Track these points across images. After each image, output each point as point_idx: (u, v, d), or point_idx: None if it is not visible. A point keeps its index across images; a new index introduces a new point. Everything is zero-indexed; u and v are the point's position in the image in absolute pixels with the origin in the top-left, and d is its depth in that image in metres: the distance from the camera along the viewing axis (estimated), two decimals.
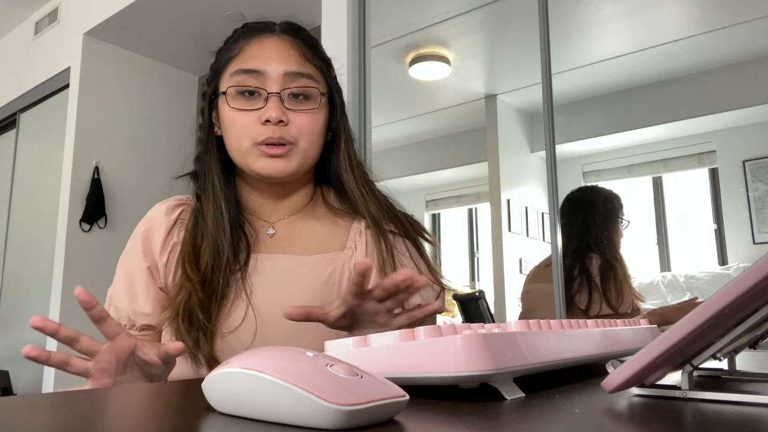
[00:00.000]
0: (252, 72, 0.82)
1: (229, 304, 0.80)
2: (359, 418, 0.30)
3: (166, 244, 0.85)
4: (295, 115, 0.82)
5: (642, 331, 0.63)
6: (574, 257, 1.91)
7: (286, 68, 0.83)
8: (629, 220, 1.99)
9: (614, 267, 1.87)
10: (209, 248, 0.82)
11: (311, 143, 0.84)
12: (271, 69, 0.82)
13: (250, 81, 0.82)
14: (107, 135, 3.34)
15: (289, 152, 0.82)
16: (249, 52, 0.85)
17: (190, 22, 3.20)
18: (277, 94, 0.81)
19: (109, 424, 0.34)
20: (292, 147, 0.82)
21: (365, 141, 2.27)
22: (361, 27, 2.34)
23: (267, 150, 0.81)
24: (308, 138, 0.84)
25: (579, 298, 1.86)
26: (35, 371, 3.21)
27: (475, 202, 4.61)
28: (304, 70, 0.84)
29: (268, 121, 0.80)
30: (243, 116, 0.82)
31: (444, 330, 0.40)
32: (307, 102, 0.84)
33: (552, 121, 1.92)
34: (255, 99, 0.82)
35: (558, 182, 1.91)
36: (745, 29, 2.59)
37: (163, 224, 0.86)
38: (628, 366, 0.35)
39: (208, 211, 0.85)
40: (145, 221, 0.88)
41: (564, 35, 2.67)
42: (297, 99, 0.83)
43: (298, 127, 0.82)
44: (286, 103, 0.82)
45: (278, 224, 0.89)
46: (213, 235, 0.83)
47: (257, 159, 0.82)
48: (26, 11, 3.88)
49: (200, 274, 0.80)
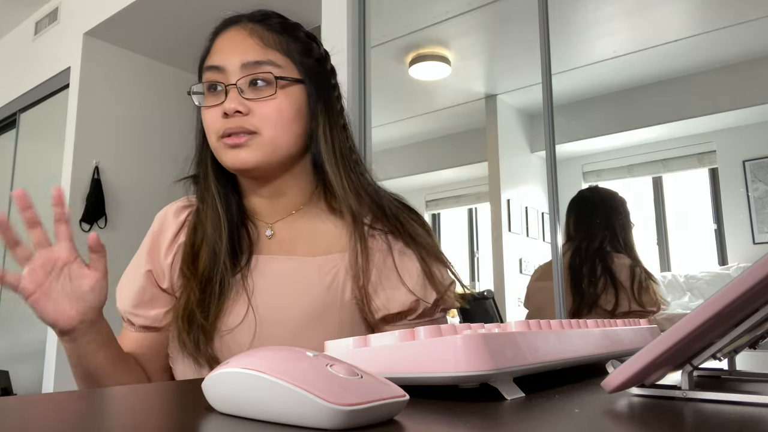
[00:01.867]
0: (213, 68, 0.82)
1: (228, 303, 0.80)
2: (359, 418, 0.30)
3: (172, 245, 0.86)
4: (255, 104, 0.80)
5: (642, 331, 0.63)
6: (596, 257, 1.91)
7: (242, 59, 0.81)
8: (635, 223, 2.00)
9: (639, 267, 1.88)
10: (207, 250, 0.83)
11: (279, 131, 0.81)
12: (229, 62, 0.81)
13: (213, 77, 0.82)
14: (107, 135, 3.34)
15: (249, 142, 0.80)
16: (213, 48, 0.85)
17: (190, 22, 3.20)
18: (233, 86, 0.80)
19: (109, 424, 0.34)
20: (253, 136, 0.80)
21: (365, 141, 2.27)
22: (361, 27, 2.34)
23: (228, 141, 0.80)
24: (272, 126, 0.80)
25: (605, 298, 1.86)
26: (35, 371, 3.21)
27: (475, 202, 4.61)
28: (263, 57, 0.82)
29: (227, 113, 0.79)
30: (208, 112, 0.82)
31: (444, 330, 0.40)
32: (267, 89, 0.81)
33: (552, 121, 1.92)
34: (218, 94, 0.82)
35: (558, 182, 1.91)
36: (745, 29, 2.59)
37: (172, 225, 0.88)
38: (628, 366, 0.35)
39: (207, 214, 0.85)
40: (157, 221, 0.90)
41: (564, 35, 2.67)
42: (256, 87, 0.81)
43: (259, 116, 0.80)
44: (247, 94, 0.80)
45: (277, 225, 0.87)
46: (211, 238, 0.83)
47: (224, 152, 0.81)
48: (26, 11, 3.88)
49: (198, 275, 0.81)
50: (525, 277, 3.22)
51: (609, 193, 2.12)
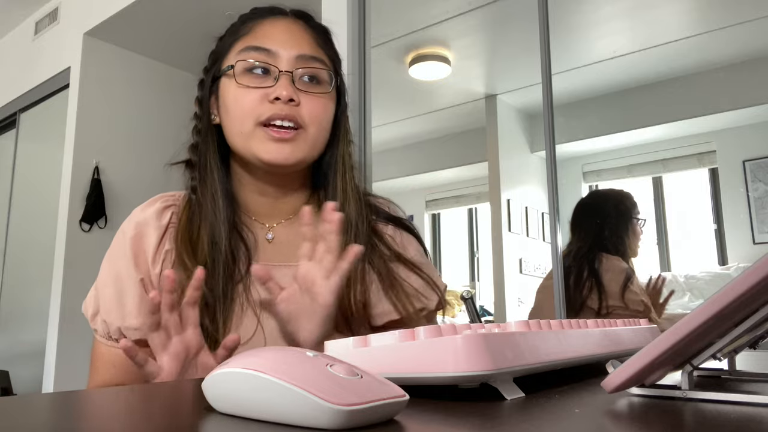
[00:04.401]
0: (263, 50, 0.77)
1: (235, 316, 0.75)
2: (359, 418, 0.30)
3: (158, 251, 0.78)
4: (306, 97, 0.77)
5: (642, 331, 0.63)
6: (583, 260, 1.92)
7: (299, 51, 0.78)
8: (645, 219, 1.99)
9: (627, 267, 1.88)
10: (207, 239, 0.76)
11: (320, 131, 0.79)
12: (284, 50, 0.77)
13: (261, 58, 0.77)
14: (107, 135, 3.34)
15: (297, 137, 0.76)
16: (260, 31, 0.80)
17: (190, 22, 3.20)
18: (289, 73, 0.76)
19: (109, 424, 0.34)
20: (301, 132, 0.76)
21: (365, 141, 2.27)
22: (361, 27, 2.34)
23: (274, 133, 0.75)
24: (318, 125, 0.78)
25: (592, 298, 1.86)
26: (35, 371, 3.21)
27: (475, 202, 4.61)
28: (317, 54, 0.80)
29: (278, 99, 0.74)
30: (249, 93, 0.76)
31: (444, 330, 0.40)
32: (320, 86, 0.79)
33: (552, 121, 1.92)
34: (264, 77, 0.77)
35: (558, 182, 1.91)
36: (745, 29, 2.59)
37: (154, 230, 0.79)
38: (628, 366, 0.35)
39: (206, 201, 0.79)
40: (132, 225, 0.80)
41: (564, 35, 2.67)
42: (309, 82, 0.78)
43: (309, 110, 0.77)
44: (298, 85, 0.77)
45: (277, 228, 0.84)
46: (211, 226, 0.77)
47: (261, 142, 0.75)
48: (26, 11, 3.88)
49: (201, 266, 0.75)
50: (525, 277, 3.22)
51: (603, 195, 2.12)
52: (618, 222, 1.94)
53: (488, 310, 3.82)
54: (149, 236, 0.79)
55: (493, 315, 3.59)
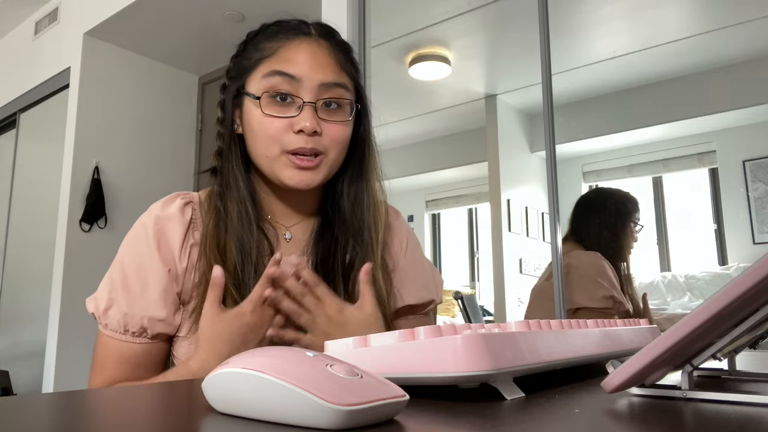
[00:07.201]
0: (287, 76, 0.79)
1: None
2: (359, 418, 0.30)
3: (184, 246, 0.80)
4: (328, 125, 0.80)
5: (642, 331, 0.63)
6: (565, 255, 1.92)
7: (323, 78, 0.80)
8: (643, 225, 1.97)
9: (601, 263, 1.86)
10: (234, 246, 0.78)
11: (339, 153, 0.82)
12: (307, 77, 0.79)
13: (284, 86, 0.79)
14: (107, 135, 3.34)
15: (319, 163, 0.79)
16: (284, 54, 0.81)
17: (190, 22, 3.20)
18: (312, 104, 0.79)
19: (109, 424, 0.34)
20: (322, 157, 0.80)
21: None
22: (361, 27, 2.34)
23: (297, 161, 0.78)
24: (337, 148, 0.81)
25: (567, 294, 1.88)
26: (35, 371, 3.21)
27: (475, 202, 4.61)
28: (340, 79, 0.82)
29: (302, 131, 0.77)
30: (274, 122, 0.79)
31: (444, 330, 0.40)
32: (340, 112, 0.81)
33: (552, 121, 1.92)
34: (288, 105, 0.79)
35: (558, 182, 1.92)
36: (745, 29, 2.59)
37: (179, 224, 0.80)
38: (628, 366, 0.35)
39: (233, 207, 0.81)
40: (155, 219, 0.80)
41: (564, 35, 2.67)
42: (330, 109, 0.81)
43: (330, 137, 0.80)
44: (320, 113, 0.80)
45: (294, 228, 0.87)
46: (238, 232, 0.79)
47: (285, 168, 0.79)
48: (26, 11, 3.88)
49: (230, 273, 0.76)
50: (525, 277, 3.22)
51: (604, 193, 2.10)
52: (615, 221, 1.93)
53: (488, 310, 3.82)
54: (174, 231, 0.80)
55: (493, 315, 3.59)
